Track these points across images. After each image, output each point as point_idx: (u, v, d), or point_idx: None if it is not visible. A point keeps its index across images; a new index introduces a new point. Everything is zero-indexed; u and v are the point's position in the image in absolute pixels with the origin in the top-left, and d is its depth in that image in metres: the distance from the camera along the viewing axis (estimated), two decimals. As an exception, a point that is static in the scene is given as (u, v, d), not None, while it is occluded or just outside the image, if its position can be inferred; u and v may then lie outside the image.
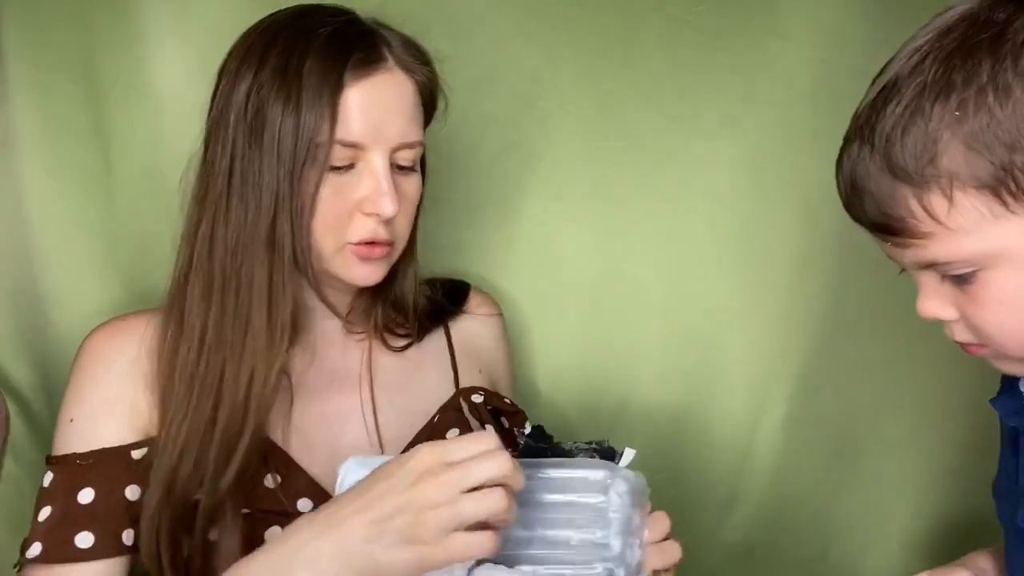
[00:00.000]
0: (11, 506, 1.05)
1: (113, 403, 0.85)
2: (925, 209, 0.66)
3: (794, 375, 1.17)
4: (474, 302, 1.04)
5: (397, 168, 0.86)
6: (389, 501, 0.68)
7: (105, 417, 0.85)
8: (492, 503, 0.67)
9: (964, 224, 0.65)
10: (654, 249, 1.17)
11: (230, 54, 0.86)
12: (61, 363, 1.03)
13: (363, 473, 0.75)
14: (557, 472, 0.76)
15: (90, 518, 0.82)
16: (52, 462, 0.85)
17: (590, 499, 0.75)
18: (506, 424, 0.97)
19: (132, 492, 0.83)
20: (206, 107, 0.87)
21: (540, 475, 0.75)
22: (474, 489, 0.67)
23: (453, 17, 1.08)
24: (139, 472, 0.83)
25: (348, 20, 0.86)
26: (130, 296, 1.06)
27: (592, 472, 0.76)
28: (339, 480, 0.77)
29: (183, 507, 0.82)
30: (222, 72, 0.86)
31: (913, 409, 1.17)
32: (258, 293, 0.83)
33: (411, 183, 0.88)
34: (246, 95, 0.82)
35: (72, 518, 0.82)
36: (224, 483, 0.82)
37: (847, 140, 0.71)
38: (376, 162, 0.84)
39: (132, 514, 0.82)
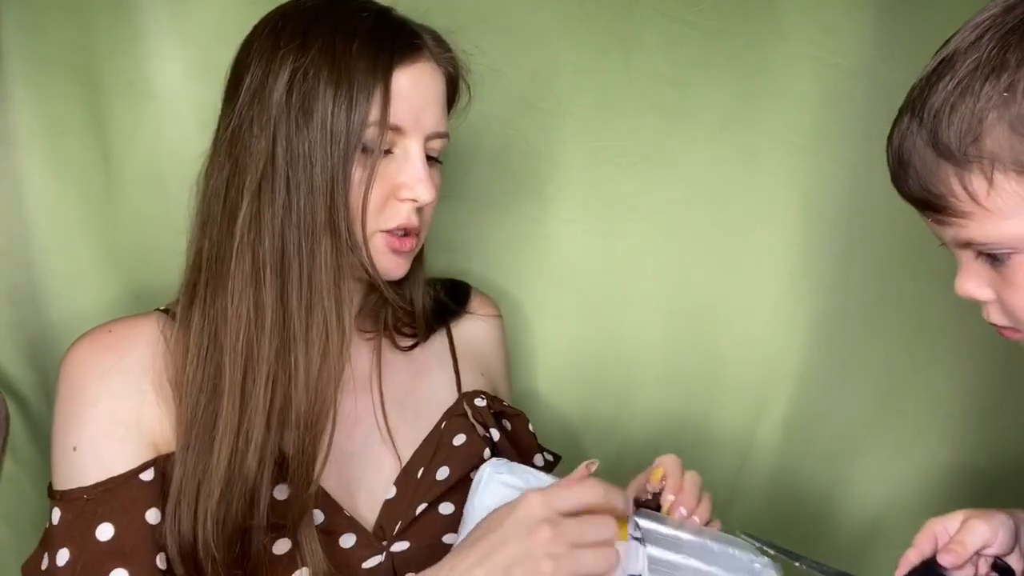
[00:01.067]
0: (11, 506, 1.05)
1: (117, 425, 0.81)
2: (965, 189, 0.66)
3: (794, 375, 1.18)
4: (475, 303, 1.04)
5: (428, 158, 0.86)
6: (507, 551, 0.72)
7: (110, 442, 0.80)
8: (608, 562, 0.73)
9: (1003, 207, 0.65)
10: (654, 249, 1.17)
11: (257, 40, 0.84)
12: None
13: (506, 477, 0.79)
14: (705, 542, 0.79)
15: (118, 554, 0.78)
16: (57, 497, 0.80)
17: None
18: (508, 426, 0.97)
19: (153, 516, 0.79)
20: (220, 95, 0.86)
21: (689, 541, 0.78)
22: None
23: (452, 17, 1.08)
24: (153, 494, 0.80)
25: (383, 9, 0.87)
26: (130, 296, 1.06)
27: (738, 554, 0.79)
28: (482, 479, 0.80)
29: (246, 502, 0.79)
30: (248, 58, 0.84)
31: (913, 409, 1.17)
32: (326, 277, 0.81)
33: (437, 175, 0.89)
34: (290, 78, 0.81)
35: (98, 558, 0.78)
36: (317, 470, 0.80)
37: (900, 112, 0.71)
38: (413, 148, 0.84)
39: (157, 538, 0.79)
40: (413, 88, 0.84)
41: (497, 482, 0.80)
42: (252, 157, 0.81)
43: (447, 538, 0.85)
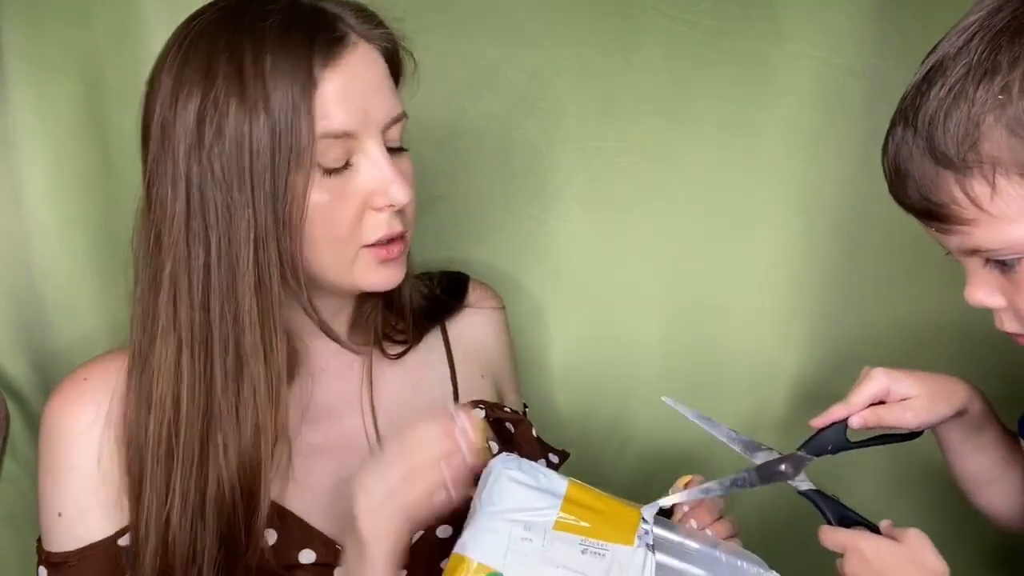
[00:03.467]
0: (11, 506, 1.05)
1: (99, 489, 0.78)
2: (967, 195, 0.65)
3: (794, 374, 1.17)
4: (474, 296, 0.98)
5: (389, 150, 0.78)
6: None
7: (93, 508, 0.79)
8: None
9: (1007, 211, 0.64)
10: (654, 249, 1.17)
11: (159, 75, 0.76)
12: (61, 363, 1.03)
13: (515, 474, 0.78)
14: (716, 553, 0.79)
15: None
16: (45, 558, 0.80)
17: None
18: (512, 430, 0.94)
19: None
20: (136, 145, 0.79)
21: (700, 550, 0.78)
22: None
23: (453, 17, 1.08)
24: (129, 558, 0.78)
25: (288, 3, 0.75)
26: (130, 296, 1.06)
27: (748, 567, 0.79)
28: (490, 475, 0.78)
29: None
30: (154, 99, 0.75)
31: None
32: (251, 342, 0.74)
33: (406, 163, 0.81)
34: (197, 116, 0.71)
35: None
36: (253, 558, 0.77)
37: (893, 123, 0.70)
38: (372, 149, 0.76)
39: None
40: (349, 86, 0.74)
41: (506, 479, 0.78)
42: (168, 217, 0.73)
43: (445, 564, 0.81)
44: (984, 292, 0.70)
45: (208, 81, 0.72)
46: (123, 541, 0.79)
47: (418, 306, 0.92)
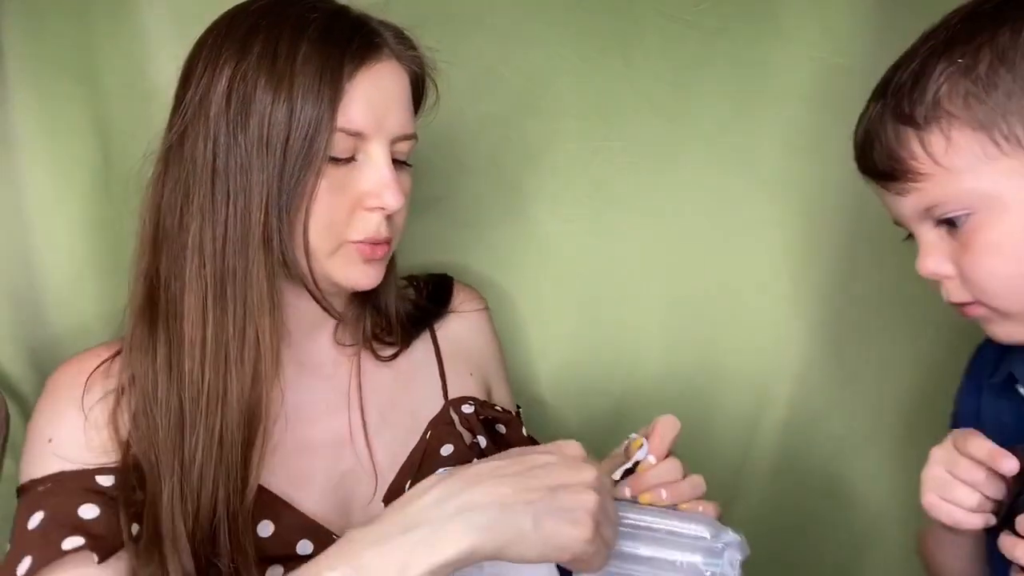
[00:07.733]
0: (11, 506, 1.05)
1: (91, 428, 0.80)
2: (925, 149, 0.73)
3: (794, 375, 1.17)
4: (458, 299, 1.00)
5: (394, 162, 0.82)
6: (555, 473, 0.70)
7: (81, 446, 0.80)
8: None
9: (959, 164, 0.72)
10: (654, 249, 1.17)
11: (204, 44, 0.82)
12: (60, 363, 1.03)
13: None
14: (660, 523, 0.76)
15: (32, 541, 0.77)
16: (21, 489, 0.81)
17: (695, 559, 0.74)
18: (503, 431, 0.95)
19: (87, 511, 0.77)
20: (170, 101, 0.83)
21: (639, 524, 0.76)
22: None
23: (453, 17, 1.08)
24: (102, 497, 0.78)
25: (338, 8, 0.83)
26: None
27: (699, 531, 0.76)
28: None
29: (206, 532, 0.78)
30: (195, 63, 0.81)
31: (913, 409, 1.17)
32: (258, 296, 0.79)
33: (407, 179, 0.85)
34: (228, 84, 0.78)
35: (19, 544, 0.77)
36: (249, 497, 0.79)
37: (866, 105, 0.79)
38: (378, 153, 0.80)
39: (82, 528, 0.76)
40: (373, 90, 0.80)
41: None
42: (197, 171, 0.79)
43: None
44: (933, 260, 0.76)
45: (243, 54, 0.78)
46: (103, 480, 0.79)
47: (406, 312, 0.95)
